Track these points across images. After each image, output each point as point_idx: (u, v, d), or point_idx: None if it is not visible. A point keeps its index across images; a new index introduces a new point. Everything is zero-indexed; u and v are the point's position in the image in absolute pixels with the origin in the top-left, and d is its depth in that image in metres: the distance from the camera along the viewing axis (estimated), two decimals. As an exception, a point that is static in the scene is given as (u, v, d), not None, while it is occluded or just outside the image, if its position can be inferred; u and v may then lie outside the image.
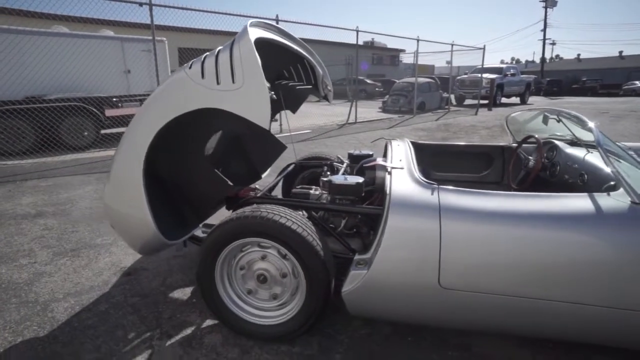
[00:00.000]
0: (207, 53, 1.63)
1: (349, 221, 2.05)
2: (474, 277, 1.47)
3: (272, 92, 1.56)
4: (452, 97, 16.61)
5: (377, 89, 21.51)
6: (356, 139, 8.01)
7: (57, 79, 6.31)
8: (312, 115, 11.87)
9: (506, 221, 1.45)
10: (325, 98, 3.03)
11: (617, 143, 2.02)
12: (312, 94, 3.00)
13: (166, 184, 2.12)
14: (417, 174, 1.71)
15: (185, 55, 7.81)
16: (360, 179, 1.94)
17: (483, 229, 1.46)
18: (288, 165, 3.01)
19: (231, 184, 2.05)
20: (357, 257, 1.65)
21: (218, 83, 1.54)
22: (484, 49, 14.31)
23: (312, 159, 3.06)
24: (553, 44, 63.91)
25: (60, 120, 6.09)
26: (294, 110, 3.00)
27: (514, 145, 2.85)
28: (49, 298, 2.11)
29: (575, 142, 2.45)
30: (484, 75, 15.38)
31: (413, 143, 2.88)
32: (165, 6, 6.29)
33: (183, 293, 2.19)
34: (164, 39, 7.60)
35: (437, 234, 1.48)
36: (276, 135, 2.42)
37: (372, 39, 29.03)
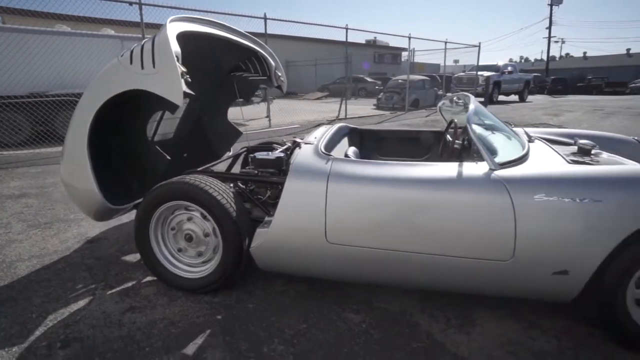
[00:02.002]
0: (136, 44, 1.91)
1: (273, 192, 2.32)
2: (354, 234, 1.72)
3: (187, 76, 1.82)
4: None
5: (377, 87, 21.68)
6: (341, 133, 8.23)
7: (59, 76, 6.70)
8: (306, 111, 12.15)
9: (383, 185, 1.70)
10: (279, 88, 3.29)
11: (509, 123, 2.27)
12: (265, 84, 3.27)
13: (115, 158, 2.42)
14: (321, 148, 1.96)
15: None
16: (282, 154, 2.20)
17: (363, 192, 1.71)
18: (242, 149, 3.29)
19: (169, 158, 2.32)
20: (266, 218, 1.91)
21: (142, 68, 1.82)
22: (479, 46, 14.41)
23: (265, 143, 3.33)
24: (562, 42, 63.13)
25: (55, 114, 6.47)
26: (247, 99, 3.28)
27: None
28: (15, 259, 2.42)
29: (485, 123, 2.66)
30: (480, 72, 15.46)
31: (359, 129, 3.12)
32: (154, 5, 6.62)
33: (134, 257, 2.48)
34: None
35: (323, 195, 1.73)
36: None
37: (375, 37, 29.21)
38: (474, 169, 1.66)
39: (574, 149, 2.26)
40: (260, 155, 2.20)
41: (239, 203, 1.98)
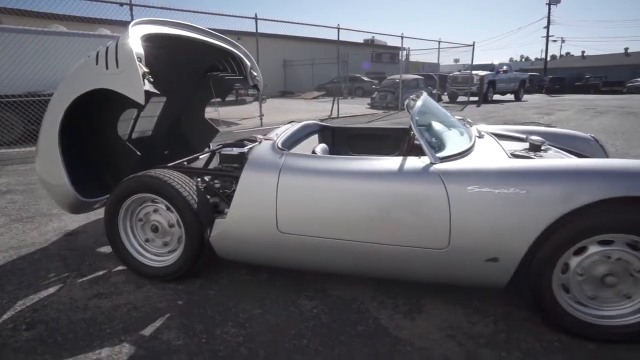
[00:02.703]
0: (102, 46, 2.03)
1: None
2: (303, 223, 1.83)
3: (150, 76, 1.93)
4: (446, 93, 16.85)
5: (373, 86, 21.77)
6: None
7: (56, 76, 6.80)
8: (299, 110, 12.25)
9: (330, 179, 1.80)
10: (255, 87, 3.40)
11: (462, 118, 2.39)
12: (241, 83, 3.38)
13: (90, 154, 2.53)
14: (277, 144, 2.07)
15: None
16: (245, 150, 2.31)
17: (310, 184, 1.81)
18: (218, 145, 3.40)
19: (139, 153, 2.43)
20: (226, 210, 2.02)
21: (107, 68, 1.93)
22: (473, 45, 14.48)
23: (240, 140, 3.43)
24: (562, 41, 63.01)
25: (48, 113, 6.58)
26: (223, 98, 3.39)
27: None
28: (-6, 250, 2.54)
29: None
30: (475, 72, 15.54)
31: (330, 127, 3.23)
32: (145, 6, 6.73)
33: (109, 249, 2.59)
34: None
35: (274, 188, 1.84)
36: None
37: (373, 37, 29.32)
38: (416, 163, 1.77)
39: (527, 145, 2.37)
40: (225, 151, 2.31)
41: (201, 195, 2.09)
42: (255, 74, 3.30)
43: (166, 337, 1.71)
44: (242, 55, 3.20)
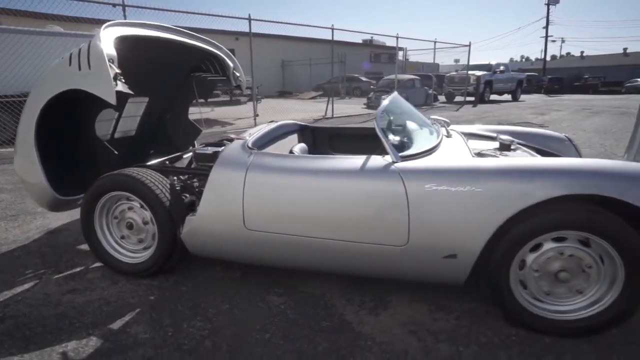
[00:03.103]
0: (75, 48, 2.07)
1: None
2: (268, 221, 1.87)
3: (121, 77, 1.98)
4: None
5: (371, 86, 21.80)
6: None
7: None
8: (294, 110, 12.30)
9: (294, 177, 1.85)
10: (238, 87, 3.45)
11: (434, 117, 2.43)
12: (224, 84, 3.43)
13: (68, 153, 2.58)
14: (247, 143, 2.11)
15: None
16: (219, 149, 2.36)
17: (276, 183, 1.86)
18: (200, 145, 3.45)
19: (116, 152, 2.48)
20: (197, 207, 2.06)
21: (80, 69, 1.98)
22: (469, 45, 14.51)
23: (221, 140, 3.48)
24: (562, 41, 63.03)
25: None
26: (205, 98, 3.43)
27: None
28: (-25, 247, 2.59)
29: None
30: (472, 72, 15.57)
31: (310, 127, 3.27)
32: (137, 7, 6.78)
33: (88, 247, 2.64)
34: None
35: (241, 185, 1.89)
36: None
37: (372, 37, 29.37)
38: (378, 161, 1.81)
39: (497, 144, 2.41)
40: (200, 150, 2.36)
41: (174, 193, 2.13)
42: (238, 74, 3.34)
43: (134, 330, 1.75)
44: (224, 56, 3.24)
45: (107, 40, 2.00)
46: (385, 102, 2.07)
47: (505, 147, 2.32)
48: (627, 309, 1.60)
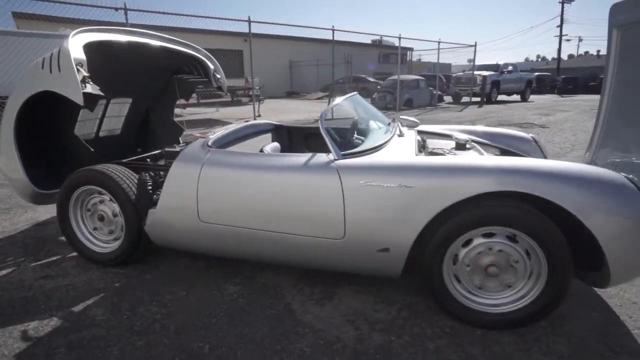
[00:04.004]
0: (48, 52, 2.24)
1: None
2: (220, 213, 1.99)
3: (89, 79, 2.13)
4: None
5: (378, 87, 21.79)
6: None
7: None
8: (297, 111, 12.45)
9: (244, 173, 1.97)
10: (219, 89, 3.60)
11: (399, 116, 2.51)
12: (205, 85, 3.58)
13: (50, 150, 2.76)
14: (208, 141, 2.24)
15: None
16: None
17: (227, 177, 1.98)
18: (182, 145, 3.61)
19: (92, 150, 2.65)
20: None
21: (51, 72, 2.15)
22: (475, 45, 14.39)
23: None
24: (580, 40, 61.46)
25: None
26: (187, 98, 3.59)
27: None
28: (-34, 236, 2.80)
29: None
30: (478, 72, 15.42)
31: (286, 126, 3.38)
32: (139, 10, 7.02)
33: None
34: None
35: (196, 180, 2.02)
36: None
37: (381, 37, 29.33)
38: (321, 159, 1.91)
39: (454, 143, 2.48)
40: (169, 148, 2.51)
41: (141, 188, 2.28)
42: (218, 76, 3.49)
43: (93, 313, 1.90)
44: (204, 59, 3.39)
45: (76, 45, 2.16)
46: (335, 101, 2.16)
47: (460, 146, 2.39)
48: (551, 303, 1.66)
